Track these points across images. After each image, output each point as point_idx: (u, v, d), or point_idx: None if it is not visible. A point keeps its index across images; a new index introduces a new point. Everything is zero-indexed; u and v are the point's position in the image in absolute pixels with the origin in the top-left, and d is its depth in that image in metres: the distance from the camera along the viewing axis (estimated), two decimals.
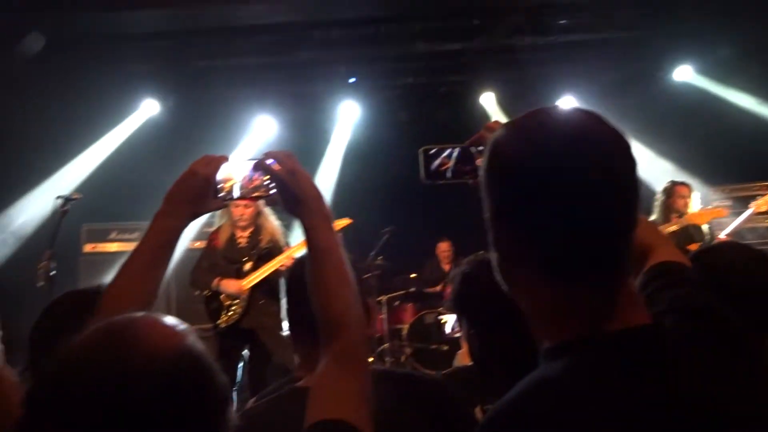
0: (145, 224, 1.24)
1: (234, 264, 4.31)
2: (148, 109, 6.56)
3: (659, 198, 4.89)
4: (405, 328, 5.96)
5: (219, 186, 1.26)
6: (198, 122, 6.74)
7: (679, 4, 5.63)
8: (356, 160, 7.23)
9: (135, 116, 6.53)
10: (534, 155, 0.78)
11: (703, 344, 0.78)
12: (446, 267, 6.71)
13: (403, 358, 5.87)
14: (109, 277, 1.23)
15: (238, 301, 4.24)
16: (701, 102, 6.42)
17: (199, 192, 1.23)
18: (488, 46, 6.37)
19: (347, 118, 7.23)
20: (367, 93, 7.10)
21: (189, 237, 5.37)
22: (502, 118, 7.16)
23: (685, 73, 6.62)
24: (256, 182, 1.27)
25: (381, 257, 5.94)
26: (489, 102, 7.17)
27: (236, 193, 1.27)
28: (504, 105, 7.17)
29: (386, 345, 5.97)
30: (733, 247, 1.55)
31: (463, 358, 4.22)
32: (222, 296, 4.27)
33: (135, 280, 1.17)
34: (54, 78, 5.52)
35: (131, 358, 0.77)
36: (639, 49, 6.56)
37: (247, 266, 4.28)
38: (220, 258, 4.33)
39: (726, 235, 4.59)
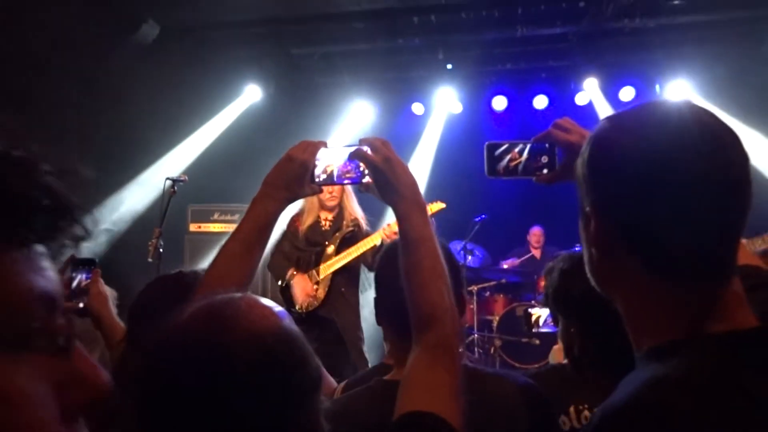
0: (246, 206, 1.29)
1: (316, 247, 4.17)
2: (251, 94, 6.79)
3: None
4: (495, 319, 5.87)
5: (315, 171, 1.30)
6: (297, 108, 6.93)
7: None
8: (451, 147, 7.17)
9: (239, 101, 6.77)
10: (643, 149, 0.75)
11: None
12: (536, 252, 6.57)
13: (492, 350, 5.80)
14: (210, 256, 1.29)
15: (318, 286, 4.08)
16: None
17: (296, 177, 1.27)
18: (593, 30, 6.11)
19: (443, 104, 7.18)
20: (463, 79, 7.01)
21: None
22: (607, 110, 6.89)
23: None
24: (352, 168, 1.29)
25: (472, 247, 5.88)
26: (592, 88, 6.88)
27: (330, 179, 1.31)
28: (607, 92, 6.86)
29: (475, 336, 5.91)
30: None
31: (557, 355, 4.11)
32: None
33: (234, 261, 1.22)
34: (165, 65, 5.82)
35: (231, 335, 0.80)
36: (756, 30, 6.07)
37: (330, 249, 4.12)
38: (302, 241, 4.18)
39: None
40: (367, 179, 1.26)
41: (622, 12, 5.75)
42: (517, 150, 1.18)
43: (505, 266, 6.34)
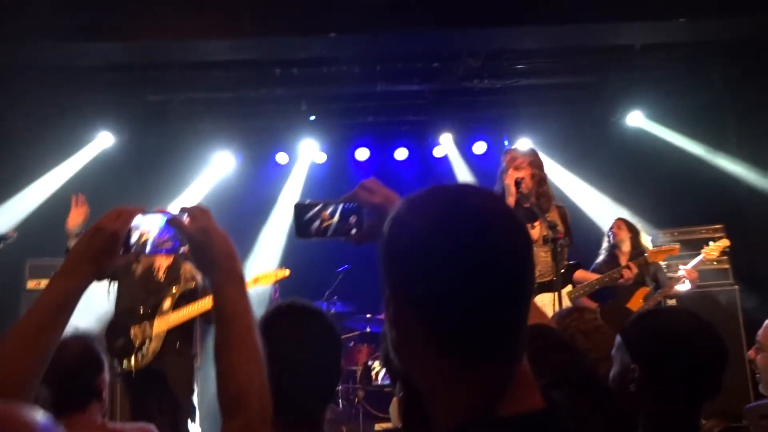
0: None
1: (150, 296, 4.02)
2: (102, 141, 6.43)
3: (605, 238, 5.01)
4: (359, 369, 5.87)
5: (131, 239, 1.22)
6: (154, 156, 6.65)
7: (631, 52, 5.83)
8: (316, 196, 7.11)
9: (88, 149, 6.38)
10: (433, 234, 0.77)
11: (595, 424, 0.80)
12: None
13: (356, 401, 5.76)
14: None
15: (150, 341, 3.93)
16: (652, 147, 6.61)
17: (105, 249, 1.17)
18: (446, 88, 6.50)
19: (307, 154, 7.23)
20: (326, 130, 7.13)
21: None
22: (461, 162, 7.29)
23: (636, 119, 6.83)
24: (169, 237, 1.24)
25: (335, 297, 5.89)
26: (448, 142, 7.27)
27: (147, 249, 1.24)
28: (461, 146, 7.28)
29: (339, 387, 5.85)
30: (686, 316, 1.58)
31: (395, 410, 4.18)
32: (132, 333, 3.96)
33: (24, 344, 1.09)
34: (2, 107, 5.39)
35: None
36: (593, 94, 6.78)
37: (166, 304, 4.00)
38: (140, 289, 4.02)
39: (687, 269, 4.70)
40: (185, 248, 1.21)
41: (472, 73, 6.17)
42: (328, 211, 1.17)
43: (368, 316, 6.39)
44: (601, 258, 4.96)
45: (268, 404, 1.06)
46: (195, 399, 4.04)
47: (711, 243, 4.84)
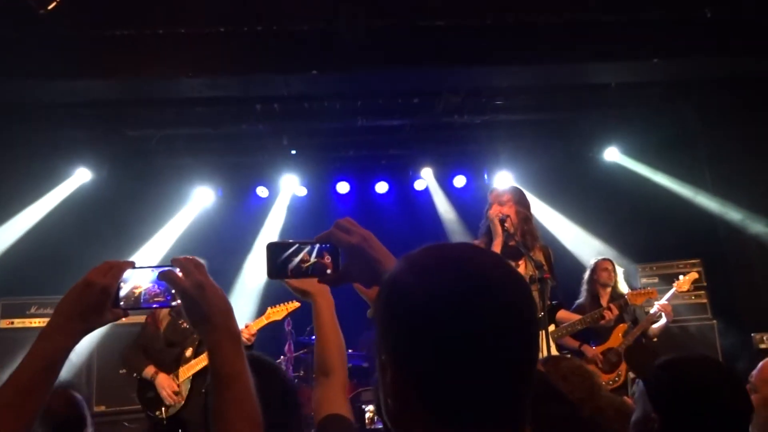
0: None
1: (174, 347, 4.17)
2: (79, 177, 6.37)
3: (586, 275, 5.04)
4: None
5: (121, 293, 1.18)
6: (133, 192, 6.60)
7: (607, 91, 5.95)
8: (296, 228, 7.17)
9: (65, 185, 6.30)
10: (431, 300, 0.73)
11: None
12: None
13: None
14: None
15: (178, 389, 4.10)
16: (629, 182, 6.72)
17: (95, 304, 1.12)
18: (426, 123, 6.56)
19: (288, 187, 7.22)
20: (307, 165, 7.14)
21: None
22: (441, 196, 7.33)
23: (613, 154, 6.95)
24: (161, 291, 1.20)
25: None
26: (428, 176, 7.31)
27: (139, 303, 1.20)
28: (442, 180, 7.33)
29: None
30: (708, 366, 1.59)
31: None
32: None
33: (12, 408, 1.03)
34: None
35: None
36: (571, 131, 6.89)
37: (188, 353, 4.16)
38: (161, 340, 4.17)
39: (662, 303, 4.77)
40: (177, 302, 1.17)
41: (452, 108, 6.24)
42: (305, 251, 1.12)
43: (350, 351, 6.33)
44: (582, 298, 4.99)
45: None
46: None
47: (681, 276, 4.92)
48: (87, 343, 5.21)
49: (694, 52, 5.11)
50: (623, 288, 4.90)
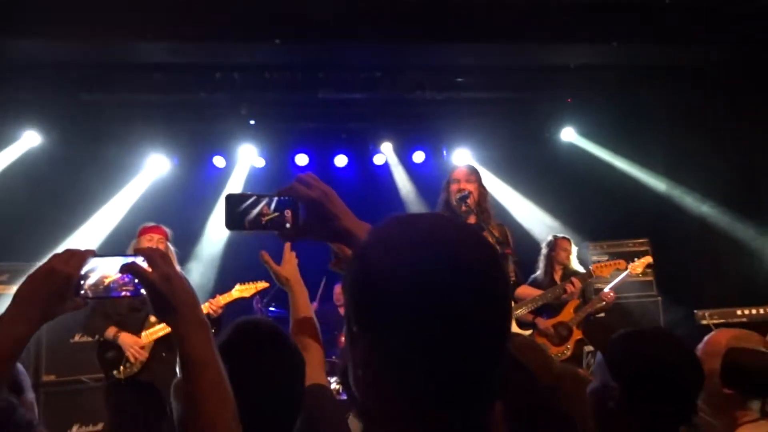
0: (18, 265, 1.12)
1: (138, 312, 4.26)
2: (28, 140, 6.12)
3: (543, 251, 5.18)
4: None
5: (86, 281, 1.17)
6: (85, 157, 6.37)
7: (566, 72, 6.06)
8: None
9: (12, 148, 6.06)
10: (403, 273, 0.71)
11: None
12: (341, 310, 6.68)
13: None
14: None
15: (143, 346, 4.21)
16: (584, 163, 6.89)
17: (57, 292, 1.12)
18: (388, 98, 6.55)
19: (246, 158, 7.12)
20: (266, 135, 7.04)
21: None
22: (400, 171, 7.37)
23: (569, 135, 7.10)
24: (129, 280, 1.19)
25: (273, 303, 5.83)
26: (388, 151, 7.33)
27: (108, 292, 1.19)
28: (401, 155, 7.36)
29: None
30: (668, 340, 1.67)
31: (351, 423, 4.18)
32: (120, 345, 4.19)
33: None
34: None
35: None
36: (529, 110, 7.00)
37: (153, 318, 4.24)
38: (124, 306, 4.22)
39: (609, 289, 4.95)
40: (143, 293, 1.15)
41: (414, 84, 6.25)
42: (264, 203, 1.10)
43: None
44: (538, 273, 5.13)
45: None
46: None
47: (636, 259, 5.11)
48: None
49: (652, 37, 5.26)
50: (576, 266, 5.07)
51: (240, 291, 4.58)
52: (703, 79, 5.77)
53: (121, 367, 4.15)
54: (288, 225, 1.11)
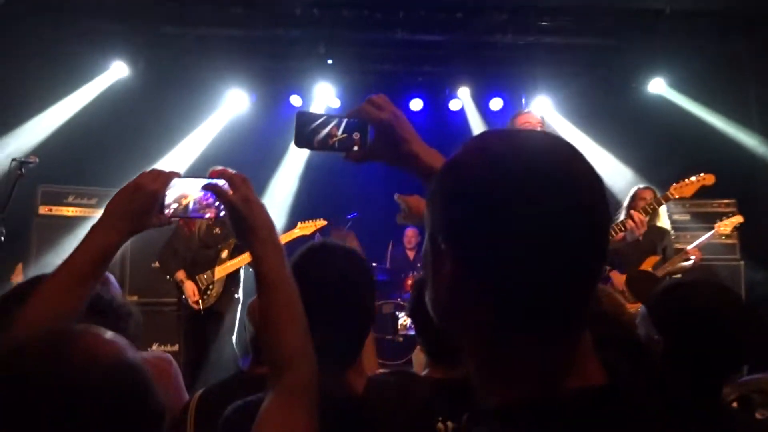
0: (105, 190, 1.21)
1: (209, 249, 4.63)
2: (116, 71, 6.36)
3: (624, 203, 4.92)
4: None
5: (166, 201, 1.23)
6: (167, 90, 6.58)
7: (660, 17, 5.69)
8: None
9: (102, 78, 6.31)
10: (504, 184, 0.66)
11: (659, 407, 0.74)
12: (411, 254, 6.74)
13: None
14: (65, 244, 1.18)
15: (213, 286, 4.58)
16: (672, 115, 6.53)
17: (143, 207, 1.18)
18: (468, 41, 6.37)
19: (322, 98, 7.15)
20: (343, 75, 7.03)
21: None
22: (476, 117, 7.21)
23: (658, 86, 6.72)
24: (211, 202, 1.23)
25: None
26: (465, 96, 7.18)
27: (188, 212, 1.24)
28: (478, 101, 7.20)
29: None
30: (712, 290, 1.58)
31: (419, 356, 4.26)
32: (198, 279, 4.58)
33: (60, 295, 1.10)
34: (13, 33, 5.30)
35: (70, 371, 0.78)
36: (616, 58, 6.65)
37: (224, 254, 4.62)
38: (196, 241, 4.62)
39: (694, 247, 4.65)
40: (223, 214, 1.20)
41: (495, 27, 6.05)
42: (334, 124, 1.10)
43: (374, 264, 6.45)
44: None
45: (314, 364, 1.08)
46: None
47: (725, 218, 4.80)
48: None
49: None
50: (665, 223, 4.80)
51: (300, 228, 4.85)
52: None
53: (200, 300, 4.56)
54: (356, 147, 1.11)
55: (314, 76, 6.97)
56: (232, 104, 6.97)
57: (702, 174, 4.13)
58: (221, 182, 1.17)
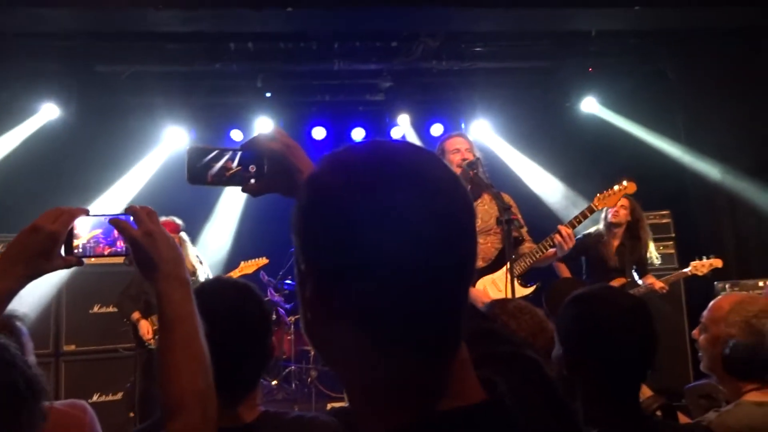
0: None
1: None
2: (46, 113, 6.17)
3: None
4: (312, 350, 5.86)
5: (77, 241, 1.18)
6: (102, 130, 6.42)
7: (587, 39, 5.89)
8: None
9: (32, 120, 6.12)
10: (367, 197, 0.62)
11: (538, 413, 0.72)
12: None
13: (309, 381, 5.76)
14: None
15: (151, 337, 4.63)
16: (604, 132, 6.73)
17: (41, 250, 1.12)
18: (404, 69, 6.45)
19: (263, 131, 7.08)
20: (283, 108, 7.01)
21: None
22: (417, 142, 7.28)
23: (591, 105, 6.93)
24: (116, 238, 1.19)
25: (290, 277, 5.86)
26: (405, 123, 7.25)
27: (89, 251, 1.19)
28: (418, 128, 7.28)
29: (292, 368, 5.85)
30: (613, 299, 1.57)
31: None
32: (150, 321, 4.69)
33: None
34: None
35: None
36: (549, 80, 6.84)
37: None
38: (148, 285, 4.42)
39: (663, 281, 4.77)
40: (129, 252, 1.17)
41: (430, 54, 6.14)
42: (228, 157, 1.08)
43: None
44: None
45: (213, 405, 1.04)
46: None
47: (704, 258, 4.77)
48: (55, 281, 5.16)
49: (675, 0, 5.07)
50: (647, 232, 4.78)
51: (243, 267, 4.99)
52: (729, 44, 5.56)
53: (152, 340, 4.61)
54: (252, 180, 1.09)
55: (254, 110, 6.93)
56: (171, 141, 6.86)
57: (624, 183, 3.98)
58: (128, 218, 1.14)
